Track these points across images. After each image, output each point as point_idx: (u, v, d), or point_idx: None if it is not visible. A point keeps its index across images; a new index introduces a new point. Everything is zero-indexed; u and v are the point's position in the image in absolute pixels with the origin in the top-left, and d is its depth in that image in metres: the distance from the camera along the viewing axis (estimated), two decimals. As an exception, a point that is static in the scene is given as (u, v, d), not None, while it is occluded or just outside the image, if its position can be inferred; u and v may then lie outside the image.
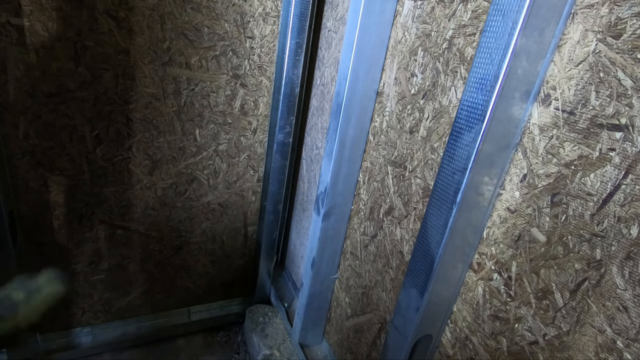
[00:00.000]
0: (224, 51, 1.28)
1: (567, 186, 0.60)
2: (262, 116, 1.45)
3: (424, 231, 0.75)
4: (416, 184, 0.92)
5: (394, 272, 1.02)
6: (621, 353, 0.54)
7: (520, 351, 0.68)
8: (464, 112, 0.66)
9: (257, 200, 1.59)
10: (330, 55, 1.30)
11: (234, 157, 1.46)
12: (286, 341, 1.47)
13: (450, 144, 0.69)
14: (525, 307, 0.67)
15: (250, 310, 1.64)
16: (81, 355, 1.44)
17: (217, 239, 1.59)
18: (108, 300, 1.47)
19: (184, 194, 1.43)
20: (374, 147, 1.08)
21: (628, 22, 0.53)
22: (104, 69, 1.14)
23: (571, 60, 0.60)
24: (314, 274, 1.26)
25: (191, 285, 1.63)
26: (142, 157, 1.31)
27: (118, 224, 1.37)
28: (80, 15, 1.06)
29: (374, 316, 1.12)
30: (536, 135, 0.65)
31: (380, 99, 1.04)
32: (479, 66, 0.63)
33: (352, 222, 1.20)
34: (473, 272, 0.77)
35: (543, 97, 0.64)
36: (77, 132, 1.18)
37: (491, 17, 0.61)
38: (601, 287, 0.56)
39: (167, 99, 1.26)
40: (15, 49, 1.03)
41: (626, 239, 0.53)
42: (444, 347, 0.85)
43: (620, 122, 0.54)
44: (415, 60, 0.91)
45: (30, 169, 1.17)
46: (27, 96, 1.09)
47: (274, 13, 1.30)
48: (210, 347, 1.63)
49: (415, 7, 0.91)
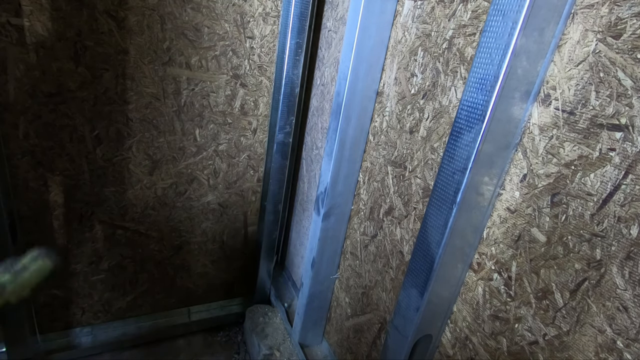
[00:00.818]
0: (224, 51, 1.28)
1: (567, 186, 0.60)
2: (262, 116, 1.45)
3: (424, 231, 0.75)
4: (416, 184, 0.92)
5: (394, 272, 1.02)
6: (621, 353, 0.54)
7: (520, 351, 0.68)
8: (464, 112, 0.66)
9: (257, 200, 1.59)
10: (330, 55, 1.30)
11: (234, 157, 1.46)
12: (286, 341, 1.47)
13: (450, 144, 0.69)
14: (525, 307, 0.67)
15: (250, 310, 1.64)
16: (81, 355, 1.44)
17: (217, 239, 1.59)
18: (108, 300, 1.47)
19: (184, 194, 1.43)
20: (374, 147, 1.08)
21: (628, 22, 0.53)
22: (104, 69, 1.14)
23: (571, 60, 0.60)
24: (314, 274, 1.26)
25: (191, 285, 1.63)
26: (142, 157, 1.31)
27: (118, 224, 1.37)
28: (80, 15, 1.06)
29: (374, 316, 1.12)
30: (536, 135, 0.65)
31: (380, 99, 1.04)
32: (479, 66, 0.63)
33: (352, 222, 1.20)
34: (473, 272, 0.77)
35: (543, 97, 0.64)
36: (77, 132, 1.18)
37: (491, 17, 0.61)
38: (601, 287, 0.56)
39: (167, 99, 1.26)
40: (15, 49, 1.03)
41: (626, 239, 0.53)
42: (444, 347, 0.85)
43: (620, 122, 0.54)
44: (415, 60, 0.91)
45: (30, 169, 1.17)
46: (27, 96, 1.09)
47: (274, 13, 1.30)
48: (210, 347, 1.63)
49: (415, 7, 0.90)
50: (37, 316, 1.36)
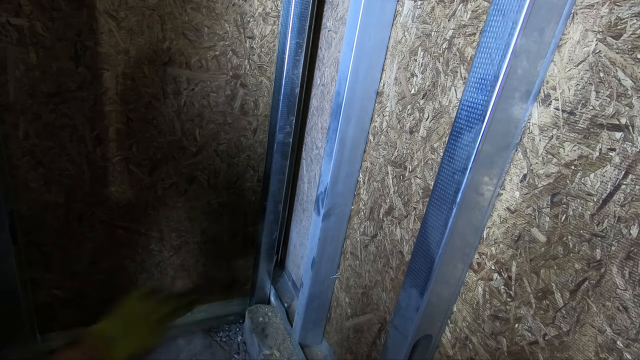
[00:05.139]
0: (224, 51, 1.28)
1: (567, 186, 0.60)
2: (262, 116, 1.45)
3: (424, 231, 0.75)
4: (416, 184, 0.92)
5: (394, 272, 1.02)
6: (621, 353, 0.54)
7: (520, 351, 0.68)
8: (464, 112, 0.66)
9: (257, 200, 1.59)
10: (330, 55, 1.30)
11: (234, 157, 1.46)
12: (286, 341, 1.47)
13: (450, 144, 0.69)
14: (525, 307, 0.67)
15: (250, 310, 1.64)
16: (81, 355, 1.44)
17: (217, 239, 1.59)
18: (108, 300, 1.47)
19: (184, 194, 1.43)
20: (374, 147, 1.08)
21: (628, 22, 0.53)
22: (104, 69, 1.14)
23: (571, 60, 0.60)
24: (314, 274, 1.26)
25: (191, 285, 1.63)
26: (142, 157, 1.30)
27: (118, 224, 1.37)
28: (80, 15, 1.06)
29: (374, 316, 1.12)
30: (536, 135, 0.65)
31: (380, 99, 1.04)
32: (479, 66, 0.63)
33: (352, 222, 1.20)
34: (473, 272, 0.77)
35: (543, 97, 0.64)
36: (77, 132, 1.18)
37: (491, 17, 0.61)
38: (601, 287, 0.56)
39: (167, 99, 1.26)
40: (15, 49, 1.03)
41: (626, 239, 0.53)
42: (444, 347, 0.85)
43: (620, 122, 0.54)
44: (415, 60, 0.91)
45: (30, 169, 1.17)
46: (27, 96, 1.09)
47: (274, 13, 1.30)
48: (210, 347, 1.63)
49: (415, 7, 0.90)
50: (37, 316, 1.36)
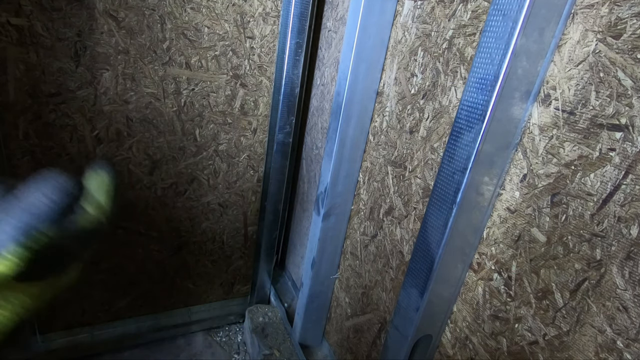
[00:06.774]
0: (224, 51, 1.28)
1: (567, 186, 0.60)
2: (262, 116, 1.45)
3: (424, 231, 0.75)
4: (416, 184, 0.92)
5: (394, 272, 1.02)
6: (621, 353, 0.54)
7: (520, 351, 0.68)
8: (464, 112, 0.66)
9: (257, 200, 1.59)
10: (330, 55, 1.30)
11: (234, 157, 1.46)
12: (286, 341, 1.47)
13: (450, 144, 0.69)
14: (525, 307, 0.67)
15: (250, 310, 1.64)
16: (81, 355, 1.44)
17: (217, 239, 1.59)
18: (108, 300, 1.47)
19: (184, 194, 1.43)
20: (374, 147, 1.08)
21: (628, 22, 0.53)
22: (104, 69, 1.14)
23: (571, 60, 0.60)
24: (314, 274, 1.26)
25: (191, 285, 1.62)
26: (142, 157, 1.30)
27: (118, 224, 1.37)
28: (80, 15, 1.06)
29: (374, 316, 1.12)
30: (536, 135, 0.65)
31: (380, 99, 1.04)
32: (479, 66, 0.63)
33: (352, 222, 1.20)
34: (473, 272, 0.77)
35: (543, 97, 0.64)
36: (77, 132, 1.18)
37: (491, 17, 0.61)
38: (601, 287, 0.56)
39: (167, 99, 1.26)
40: (15, 49, 1.03)
41: (626, 239, 0.53)
42: (444, 347, 0.85)
43: (620, 122, 0.54)
44: (415, 60, 0.91)
45: (30, 169, 1.17)
46: (27, 96, 1.09)
47: (274, 13, 1.30)
48: (210, 347, 1.63)
49: (415, 7, 0.91)
50: (37, 316, 1.36)
